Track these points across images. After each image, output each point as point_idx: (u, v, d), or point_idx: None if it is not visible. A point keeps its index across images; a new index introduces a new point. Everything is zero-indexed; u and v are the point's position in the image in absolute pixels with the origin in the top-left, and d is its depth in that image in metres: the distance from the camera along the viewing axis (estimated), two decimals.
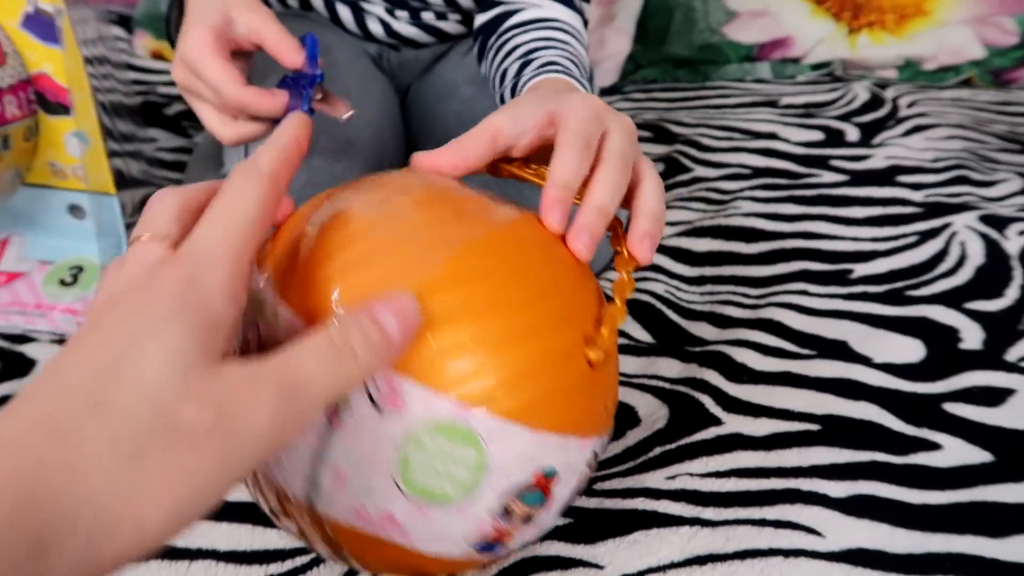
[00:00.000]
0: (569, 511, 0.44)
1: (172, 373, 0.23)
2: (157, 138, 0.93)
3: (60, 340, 0.60)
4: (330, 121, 0.67)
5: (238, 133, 0.52)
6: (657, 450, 0.49)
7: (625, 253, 0.37)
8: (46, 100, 0.60)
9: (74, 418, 0.22)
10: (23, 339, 0.61)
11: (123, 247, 0.65)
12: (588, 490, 0.46)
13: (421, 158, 0.38)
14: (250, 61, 0.55)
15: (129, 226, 0.66)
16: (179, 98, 1.02)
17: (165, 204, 0.29)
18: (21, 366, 0.57)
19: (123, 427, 0.22)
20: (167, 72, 1.08)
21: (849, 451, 0.49)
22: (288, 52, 0.50)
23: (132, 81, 0.98)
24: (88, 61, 0.60)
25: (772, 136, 0.97)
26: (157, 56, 1.14)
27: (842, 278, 0.69)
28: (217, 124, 0.52)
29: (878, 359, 0.58)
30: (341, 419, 0.30)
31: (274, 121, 0.52)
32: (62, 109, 0.60)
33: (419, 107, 0.78)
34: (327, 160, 0.63)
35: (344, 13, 0.78)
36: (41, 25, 0.57)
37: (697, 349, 0.59)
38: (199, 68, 0.50)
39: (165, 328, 0.23)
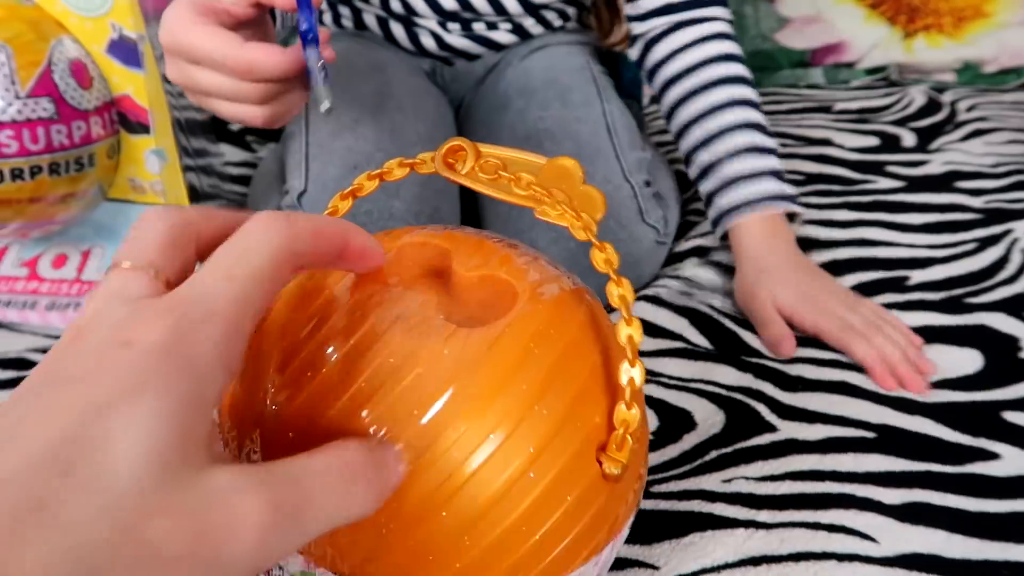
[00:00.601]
0: None
1: (143, 471, 0.17)
2: (224, 152, 0.98)
3: None
4: (388, 133, 0.69)
5: (270, 110, 0.44)
6: (713, 453, 0.50)
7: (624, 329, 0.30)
8: (128, 120, 0.64)
9: (6, 520, 0.16)
10: None
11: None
12: (645, 493, 0.47)
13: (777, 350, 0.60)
14: (259, 30, 0.46)
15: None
16: None
17: (153, 227, 0.23)
18: None
19: (72, 543, 0.16)
20: None
21: (904, 460, 0.49)
22: None
23: None
24: (166, 80, 0.64)
25: (826, 142, 0.97)
26: None
27: (899, 285, 0.69)
28: (239, 109, 0.44)
29: (934, 377, 0.58)
30: None
31: (304, 84, 0.45)
32: (142, 128, 0.64)
33: (473, 119, 0.81)
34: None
35: (397, 30, 0.80)
36: (124, 51, 0.61)
37: (754, 360, 0.60)
38: (187, 47, 0.42)
39: (139, 399, 0.18)
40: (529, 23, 0.81)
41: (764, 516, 0.45)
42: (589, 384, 0.30)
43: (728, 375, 0.58)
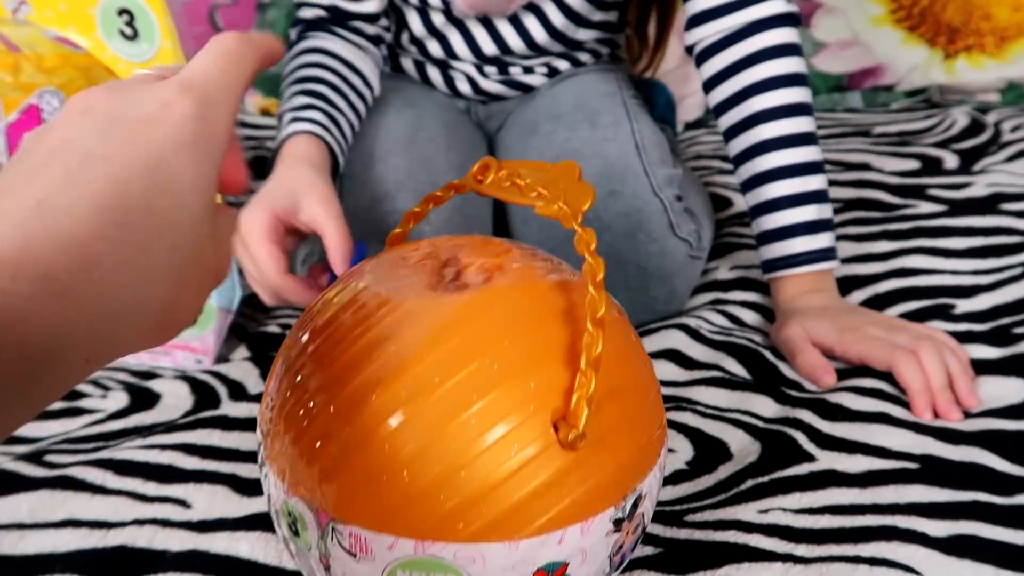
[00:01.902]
0: (658, 541, 0.45)
1: (204, 197, 0.24)
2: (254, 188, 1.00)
3: (182, 376, 0.65)
4: (419, 163, 0.71)
5: (274, 301, 0.59)
6: (749, 482, 0.49)
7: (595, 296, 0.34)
8: None
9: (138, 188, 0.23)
10: (149, 375, 0.67)
11: (237, 291, 0.70)
12: (678, 521, 0.46)
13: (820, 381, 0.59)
14: (299, 240, 0.61)
15: (241, 268, 0.71)
16: None
17: None
18: (148, 399, 0.63)
19: (173, 239, 0.23)
20: (273, 128, 1.16)
21: (949, 490, 0.48)
22: (338, 256, 0.55)
23: (244, 137, 1.05)
24: None
25: (865, 166, 0.96)
26: (265, 113, 1.23)
27: (945, 314, 0.67)
28: (257, 288, 0.59)
29: (979, 408, 0.56)
30: (331, 564, 0.33)
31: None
32: None
33: (503, 145, 0.82)
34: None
35: (434, 74, 0.82)
36: None
37: (793, 392, 0.59)
38: (249, 246, 0.56)
39: (192, 149, 0.24)
40: (564, 66, 0.82)
41: (802, 550, 0.44)
42: (551, 353, 0.33)
43: (766, 406, 0.57)
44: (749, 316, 0.70)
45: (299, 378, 0.35)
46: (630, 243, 0.66)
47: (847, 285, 0.72)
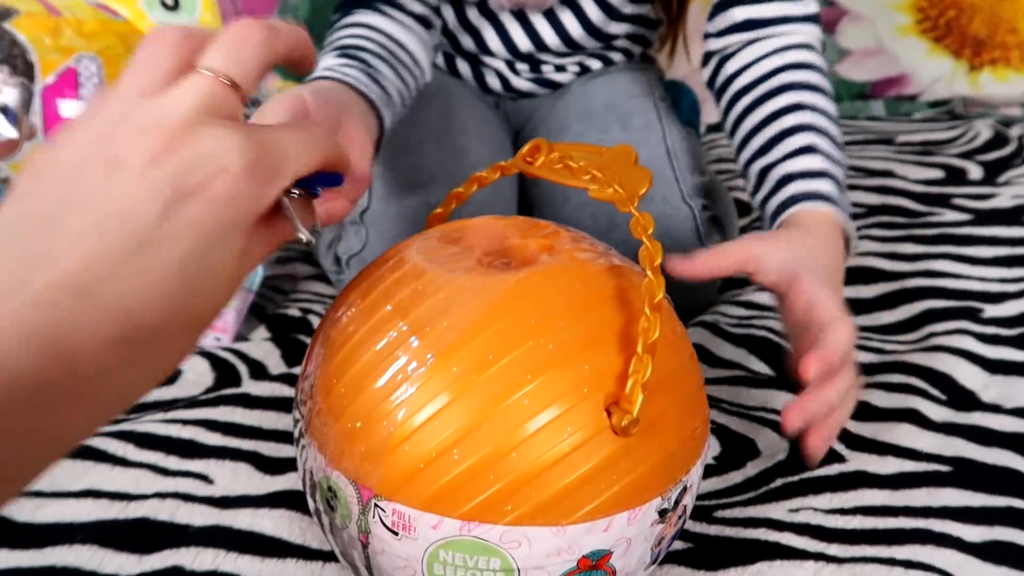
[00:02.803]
0: (689, 536, 0.44)
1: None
2: None
3: (202, 352, 0.64)
4: (450, 155, 0.70)
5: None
6: (779, 481, 0.48)
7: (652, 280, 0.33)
8: None
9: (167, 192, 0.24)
10: None
11: (259, 270, 0.69)
12: (708, 517, 0.46)
13: (675, 265, 0.45)
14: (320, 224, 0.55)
15: None
16: None
17: (253, 50, 0.27)
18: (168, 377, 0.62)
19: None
20: None
21: (983, 495, 0.47)
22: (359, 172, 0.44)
23: None
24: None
25: (888, 174, 0.95)
26: None
27: (973, 315, 0.66)
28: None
29: (1009, 404, 0.56)
30: (371, 541, 0.33)
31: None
32: None
33: (533, 138, 0.81)
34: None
35: (463, 68, 0.81)
36: None
37: None
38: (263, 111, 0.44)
39: (238, 176, 0.25)
40: (596, 65, 0.82)
41: (835, 550, 0.43)
42: (605, 337, 0.32)
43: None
44: (764, 297, 0.69)
45: (342, 355, 0.34)
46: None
47: (873, 277, 0.72)
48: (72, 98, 0.60)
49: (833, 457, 0.50)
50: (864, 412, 0.54)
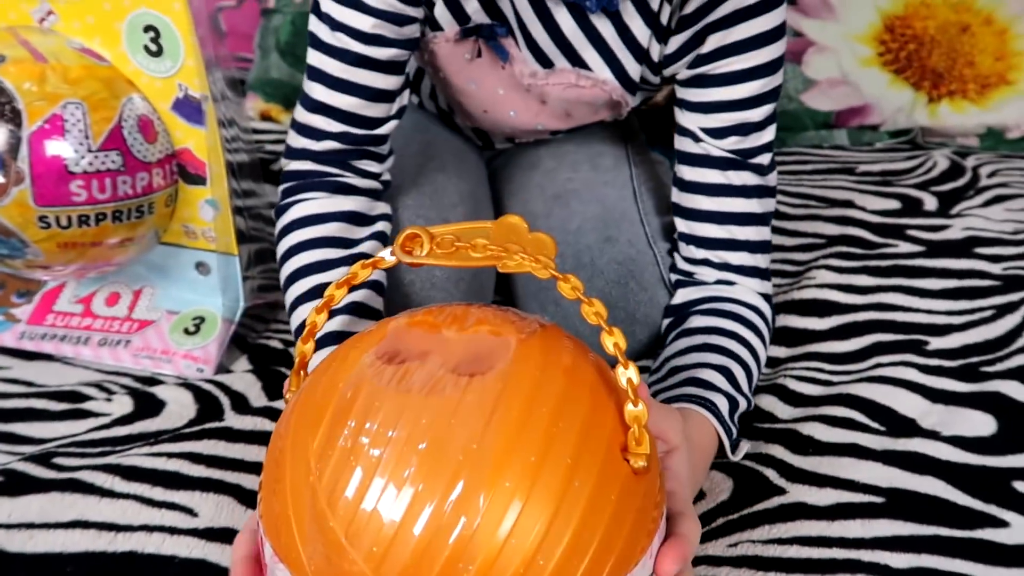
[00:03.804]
0: None
1: None
2: (267, 193, 1.02)
3: (184, 384, 0.67)
4: (428, 197, 0.72)
5: None
6: (720, 520, 0.52)
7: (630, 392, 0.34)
8: (186, 171, 0.69)
9: None
10: (152, 381, 0.69)
11: (240, 301, 0.72)
12: None
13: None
14: None
15: (244, 279, 0.73)
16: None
17: None
18: (152, 406, 0.65)
19: None
20: (273, 132, 1.18)
21: (913, 524, 0.51)
22: None
23: (246, 141, 1.07)
24: (220, 124, 0.68)
25: (848, 204, 0.99)
26: (266, 117, 1.25)
27: (918, 348, 0.70)
28: None
29: (947, 432, 0.60)
30: None
31: None
32: (199, 179, 0.69)
33: (504, 177, 0.83)
34: None
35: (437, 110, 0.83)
36: (188, 109, 0.66)
37: (765, 425, 0.61)
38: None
39: None
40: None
41: None
42: (595, 398, 0.34)
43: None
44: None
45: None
46: (621, 290, 0.68)
47: (828, 310, 0.76)
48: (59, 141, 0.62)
49: (773, 490, 0.54)
50: (807, 445, 0.58)
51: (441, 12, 0.63)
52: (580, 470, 0.32)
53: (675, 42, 0.63)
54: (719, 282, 0.66)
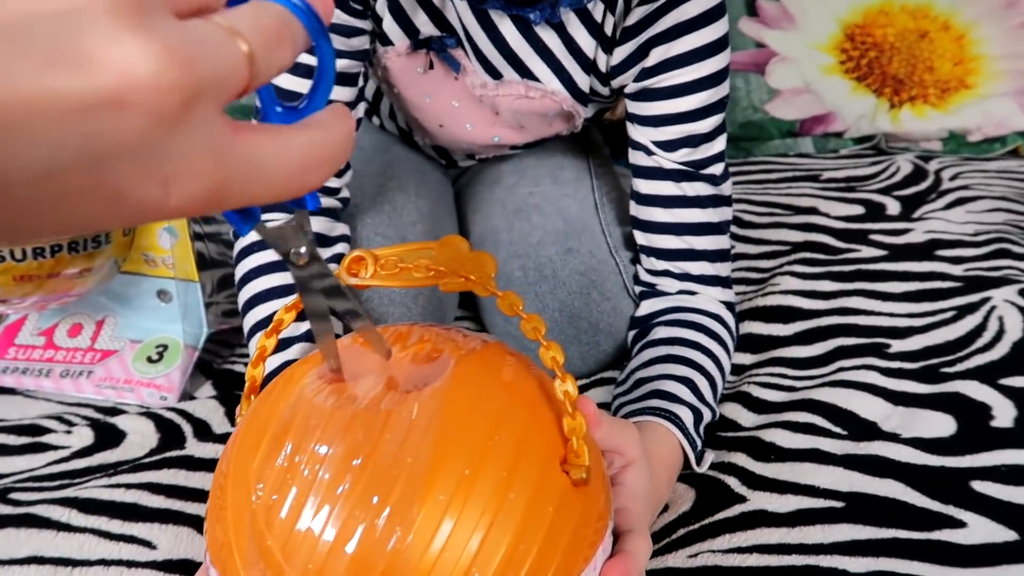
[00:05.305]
0: None
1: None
2: None
3: (147, 413, 0.66)
4: (387, 216, 0.72)
5: None
6: (681, 531, 0.52)
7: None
8: None
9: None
10: (114, 411, 0.68)
11: (204, 327, 0.72)
12: None
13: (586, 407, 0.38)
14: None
15: (208, 305, 0.73)
16: None
17: None
18: (113, 436, 0.64)
19: None
20: None
21: (872, 528, 0.51)
22: None
23: None
24: None
25: (813, 211, 1.00)
26: None
27: (879, 352, 0.71)
28: None
29: (907, 434, 0.60)
30: None
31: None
32: None
33: (467, 193, 0.84)
34: None
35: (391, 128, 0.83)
36: None
37: (729, 434, 0.62)
38: None
39: None
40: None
41: None
42: (534, 412, 0.35)
43: None
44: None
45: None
46: (584, 300, 0.68)
47: (792, 316, 0.76)
48: None
49: (735, 499, 0.54)
50: (769, 452, 0.58)
51: (391, 26, 0.64)
52: (516, 482, 0.32)
53: (620, 53, 0.64)
54: (681, 292, 0.67)
